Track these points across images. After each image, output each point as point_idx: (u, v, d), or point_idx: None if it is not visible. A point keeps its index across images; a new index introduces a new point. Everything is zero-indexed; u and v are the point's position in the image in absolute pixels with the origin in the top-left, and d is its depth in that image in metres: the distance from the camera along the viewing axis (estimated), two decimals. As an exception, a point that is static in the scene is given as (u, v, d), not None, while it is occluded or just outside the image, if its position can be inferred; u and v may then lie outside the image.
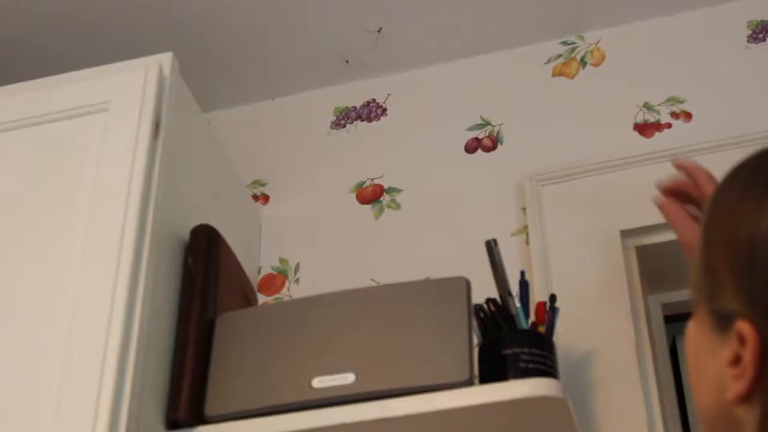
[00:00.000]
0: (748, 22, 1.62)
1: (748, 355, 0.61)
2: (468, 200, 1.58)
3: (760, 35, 1.60)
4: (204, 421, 1.19)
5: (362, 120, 1.75)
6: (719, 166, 1.49)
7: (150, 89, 1.32)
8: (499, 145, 1.63)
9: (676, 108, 1.57)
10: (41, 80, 1.43)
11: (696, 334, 0.68)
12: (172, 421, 1.18)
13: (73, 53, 1.70)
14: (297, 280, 1.58)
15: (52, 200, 1.28)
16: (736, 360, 0.62)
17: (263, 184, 1.73)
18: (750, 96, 1.54)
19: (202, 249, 1.31)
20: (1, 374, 1.16)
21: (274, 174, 1.73)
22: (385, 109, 1.75)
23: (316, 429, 1.15)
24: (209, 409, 1.19)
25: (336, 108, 1.78)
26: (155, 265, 1.22)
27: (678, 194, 1.11)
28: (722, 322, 0.65)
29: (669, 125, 1.56)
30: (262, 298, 1.56)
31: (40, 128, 1.35)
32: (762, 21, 1.62)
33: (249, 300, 1.44)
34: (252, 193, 1.71)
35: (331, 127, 1.76)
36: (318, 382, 1.16)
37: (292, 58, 1.77)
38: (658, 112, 1.58)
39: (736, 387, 0.62)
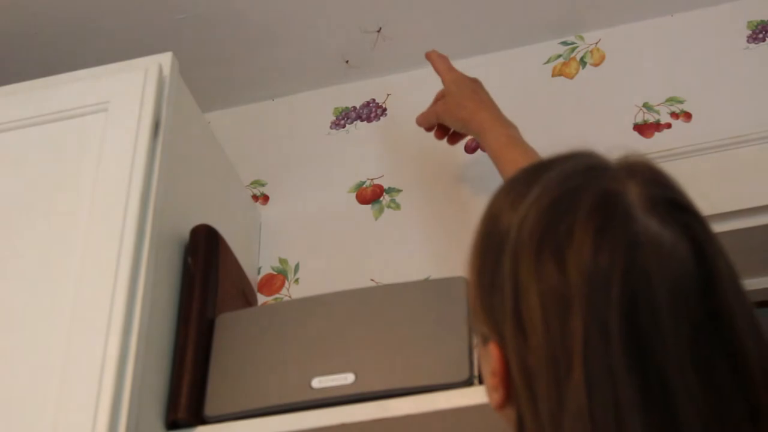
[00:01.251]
0: (748, 22, 1.62)
1: (497, 374, 0.68)
2: (468, 200, 1.58)
3: (760, 35, 1.60)
4: (204, 421, 1.19)
5: (362, 120, 1.75)
6: (719, 166, 1.50)
7: (150, 89, 1.32)
8: (498, 145, 1.63)
9: (676, 108, 1.57)
10: (41, 80, 1.43)
11: (478, 344, 0.76)
12: (171, 421, 1.18)
13: (73, 53, 1.70)
14: (297, 280, 1.58)
15: (52, 200, 1.28)
16: (494, 374, 0.69)
17: (263, 184, 1.73)
18: (750, 96, 1.54)
19: (201, 249, 1.31)
20: (1, 374, 1.16)
21: (274, 174, 1.73)
22: (384, 109, 1.75)
23: (316, 429, 1.15)
24: (209, 409, 1.19)
25: (336, 108, 1.78)
26: (155, 265, 1.22)
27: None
28: (484, 340, 0.71)
29: (669, 125, 1.56)
30: (261, 298, 1.56)
31: (40, 128, 1.35)
32: (762, 21, 1.62)
33: (249, 300, 1.44)
34: (252, 193, 1.71)
35: (331, 128, 1.76)
36: (318, 382, 1.16)
37: (292, 58, 1.77)
38: (657, 113, 1.58)
39: (494, 397, 0.70)
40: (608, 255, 0.64)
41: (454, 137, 1.44)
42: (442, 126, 1.42)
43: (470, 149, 1.64)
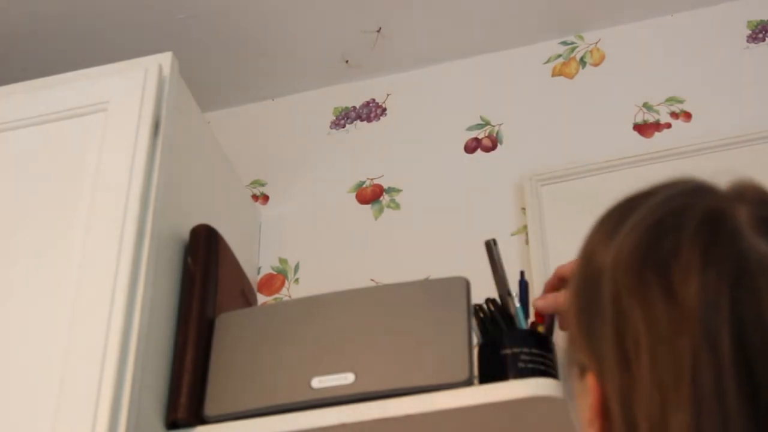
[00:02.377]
0: (748, 22, 1.62)
1: (594, 407, 0.65)
2: (468, 200, 1.58)
3: (760, 35, 1.60)
4: (204, 421, 1.19)
5: (362, 120, 1.75)
6: (719, 166, 1.49)
7: (149, 89, 1.32)
8: (498, 145, 1.63)
9: (676, 108, 1.57)
10: (41, 80, 1.43)
11: (573, 378, 0.72)
12: (171, 421, 1.18)
13: (73, 53, 1.70)
14: (296, 280, 1.58)
15: (52, 200, 1.28)
16: (591, 407, 0.66)
17: (263, 184, 1.73)
18: (750, 96, 1.54)
19: (201, 249, 1.31)
20: (1, 374, 1.16)
21: (274, 174, 1.73)
22: (384, 109, 1.75)
23: (316, 429, 1.14)
24: (209, 409, 1.19)
25: (336, 108, 1.78)
26: (155, 265, 1.22)
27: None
28: (581, 371, 0.69)
29: (668, 125, 1.56)
30: (261, 298, 1.56)
31: (40, 128, 1.35)
32: (762, 21, 1.62)
33: (248, 300, 1.44)
34: (252, 193, 1.71)
35: (331, 127, 1.76)
36: (318, 382, 1.16)
37: (292, 58, 1.77)
38: (657, 112, 1.58)
39: None
40: (716, 273, 0.62)
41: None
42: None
43: (470, 149, 1.64)
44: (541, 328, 1.20)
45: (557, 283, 1.17)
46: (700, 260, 0.63)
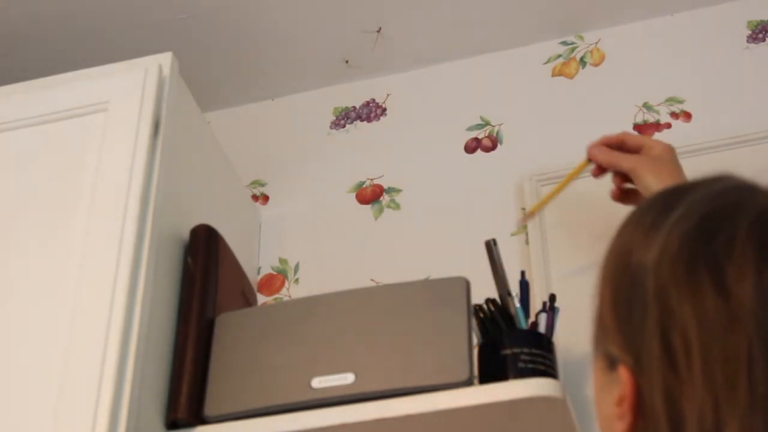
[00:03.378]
0: (748, 22, 1.62)
1: (626, 401, 0.64)
2: (468, 200, 1.58)
3: (760, 35, 1.60)
4: (203, 421, 1.19)
5: (362, 120, 1.75)
6: (719, 166, 1.50)
7: (150, 89, 1.32)
8: (498, 145, 1.63)
9: (676, 108, 1.57)
10: (41, 80, 1.43)
11: (596, 371, 0.71)
12: (171, 421, 1.18)
13: (73, 53, 1.70)
14: (297, 280, 1.58)
15: (52, 200, 1.28)
16: (621, 401, 0.65)
17: (263, 184, 1.73)
18: (750, 96, 1.54)
19: (201, 249, 1.31)
20: (1, 374, 1.16)
21: (274, 174, 1.73)
22: (384, 109, 1.75)
23: (316, 429, 1.15)
24: (209, 410, 1.19)
25: (335, 108, 1.78)
26: (155, 265, 1.22)
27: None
28: (611, 364, 0.67)
29: (668, 125, 1.56)
30: (261, 298, 1.56)
31: (40, 128, 1.35)
32: (762, 21, 1.62)
33: (248, 300, 1.44)
34: (252, 193, 1.71)
35: (331, 127, 1.76)
36: (318, 382, 1.16)
37: (292, 58, 1.77)
38: (657, 112, 1.58)
39: (620, 426, 0.65)
40: None
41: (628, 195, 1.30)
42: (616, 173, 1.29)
43: (470, 149, 1.64)
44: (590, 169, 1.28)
45: (617, 143, 1.28)
46: (755, 260, 0.62)
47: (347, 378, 1.16)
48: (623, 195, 1.28)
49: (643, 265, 0.66)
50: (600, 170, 1.30)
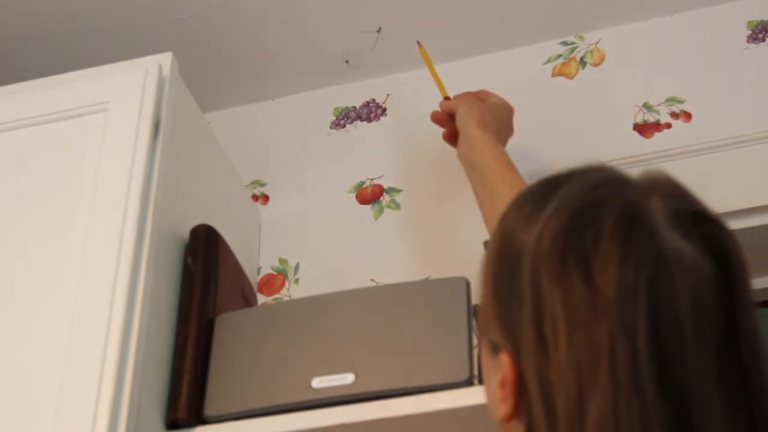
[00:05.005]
0: (748, 22, 1.62)
1: (508, 385, 0.68)
2: (468, 200, 1.57)
3: (760, 35, 1.60)
4: (204, 421, 1.19)
5: (362, 120, 1.75)
6: (719, 166, 1.50)
7: (150, 89, 1.32)
8: (498, 145, 1.63)
9: (676, 108, 1.57)
10: (41, 80, 1.43)
11: (483, 356, 0.74)
12: (171, 421, 1.18)
13: (73, 53, 1.70)
14: (297, 280, 1.58)
15: (52, 200, 1.28)
16: (503, 385, 0.69)
17: (263, 184, 1.73)
18: (750, 96, 1.54)
19: (201, 249, 1.31)
20: (1, 374, 1.16)
21: (274, 174, 1.73)
22: (384, 109, 1.75)
23: (316, 429, 1.15)
24: (209, 409, 1.19)
25: (335, 108, 1.78)
26: (155, 265, 1.22)
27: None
28: (494, 349, 0.71)
29: (669, 125, 1.56)
30: (261, 298, 1.56)
31: (40, 128, 1.35)
32: (762, 21, 1.62)
33: (248, 300, 1.44)
34: (252, 193, 1.71)
35: (331, 128, 1.76)
36: (318, 382, 1.16)
37: (292, 58, 1.77)
38: (657, 113, 1.58)
39: (503, 409, 0.69)
40: (634, 266, 0.65)
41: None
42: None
43: (470, 149, 1.64)
44: None
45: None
46: (618, 254, 0.65)
47: (347, 378, 1.16)
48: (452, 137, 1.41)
49: (520, 253, 0.69)
50: (448, 134, 1.43)
